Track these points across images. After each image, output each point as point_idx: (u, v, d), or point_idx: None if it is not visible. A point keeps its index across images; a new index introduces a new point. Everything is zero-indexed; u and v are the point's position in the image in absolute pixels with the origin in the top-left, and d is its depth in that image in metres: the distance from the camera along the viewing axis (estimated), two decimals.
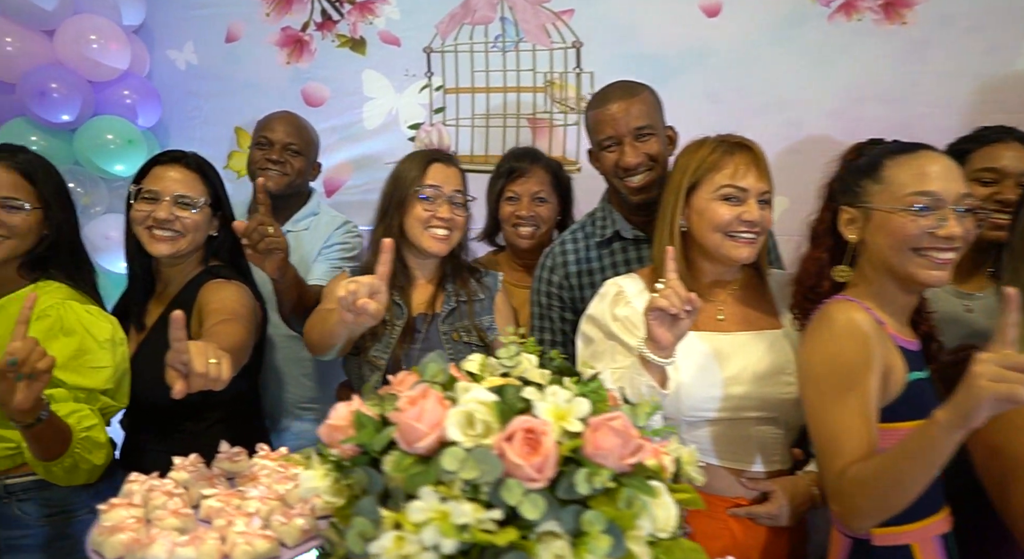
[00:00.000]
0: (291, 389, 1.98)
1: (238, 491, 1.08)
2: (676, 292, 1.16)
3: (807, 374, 1.17)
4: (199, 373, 1.07)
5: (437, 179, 1.60)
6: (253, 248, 1.48)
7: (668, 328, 1.18)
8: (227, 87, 2.51)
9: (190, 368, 1.07)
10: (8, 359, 1.11)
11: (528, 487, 0.83)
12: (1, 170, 1.44)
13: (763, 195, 1.32)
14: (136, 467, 1.58)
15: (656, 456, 0.96)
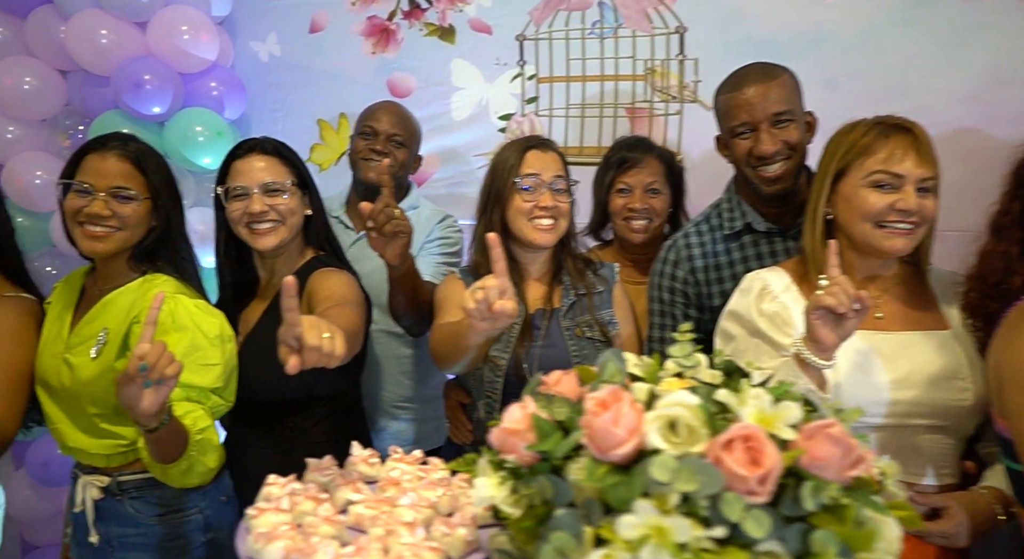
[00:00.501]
0: (388, 388, 1.92)
1: (386, 497, 1.02)
2: (844, 289, 1.07)
3: (1014, 379, 1.05)
4: (312, 346, 1.00)
5: (535, 167, 1.53)
6: (378, 230, 1.42)
7: (832, 328, 1.09)
8: (310, 79, 2.47)
9: (303, 342, 1.00)
10: (139, 364, 1.06)
11: (748, 501, 0.75)
12: (113, 159, 1.40)
13: (923, 182, 1.21)
14: (239, 465, 1.54)
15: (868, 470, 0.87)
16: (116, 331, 1.39)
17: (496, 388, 1.53)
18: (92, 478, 1.43)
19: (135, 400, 1.10)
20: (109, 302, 1.42)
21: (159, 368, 1.07)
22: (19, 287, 1.57)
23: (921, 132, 1.23)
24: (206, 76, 2.31)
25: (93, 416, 1.38)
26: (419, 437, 1.97)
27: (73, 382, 1.37)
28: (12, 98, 2.25)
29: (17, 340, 1.45)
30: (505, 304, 1.08)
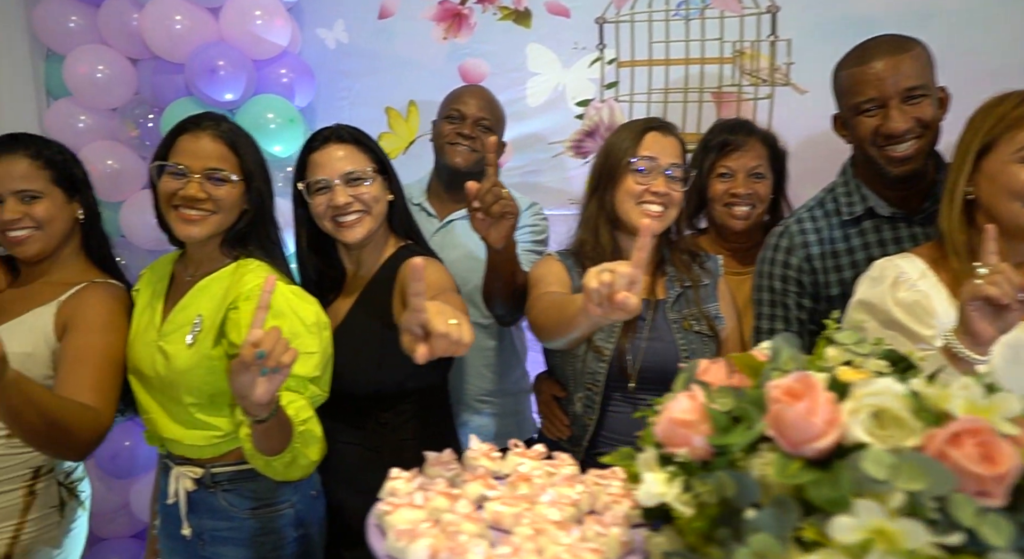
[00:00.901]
0: (471, 381, 1.86)
1: (523, 494, 0.95)
2: (1008, 278, 0.98)
3: None
4: (441, 333, 0.94)
5: (653, 150, 1.45)
6: (485, 211, 1.35)
7: (991, 321, 1.00)
8: (379, 65, 2.41)
9: (431, 329, 0.94)
10: (256, 351, 0.99)
11: (982, 505, 0.66)
12: (207, 139, 1.35)
13: None
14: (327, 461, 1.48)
15: None
16: (211, 318, 1.34)
17: (598, 380, 1.46)
18: (185, 469, 1.38)
19: (248, 389, 1.04)
20: (203, 288, 1.38)
21: (275, 355, 1.01)
22: (106, 274, 1.53)
23: None
24: (277, 63, 2.27)
25: (189, 406, 1.33)
26: (500, 432, 1.90)
27: (168, 371, 1.33)
28: (85, 87, 2.23)
29: (109, 327, 1.41)
30: (629, 297, 0.99)
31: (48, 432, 1.19)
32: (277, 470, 1.23)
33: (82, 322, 1.38)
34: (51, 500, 1.46)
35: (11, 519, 1.40)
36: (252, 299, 1.29)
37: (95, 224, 1.54)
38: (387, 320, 1.45)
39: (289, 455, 1.21)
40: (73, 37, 2.27)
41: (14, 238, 1.40)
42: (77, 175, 1.50)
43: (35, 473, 1.44)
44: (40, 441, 1.21)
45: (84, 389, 1.30)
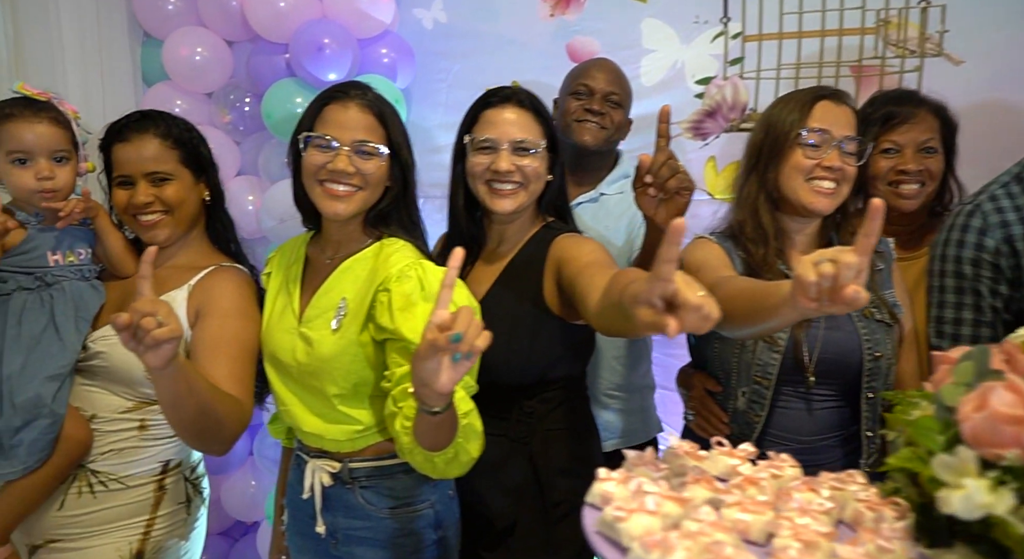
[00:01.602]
0: (602, 374, 1.74)
1: (765, 501, 0.82)
2: None
3: None
4: (693, 305, 0.78)
5: (825, 121, 1.32)
6: (660, 186, 1.23)
7: None
8: (479, 46, 2.30)
9: (681, 299, 0.78)
10: (452, 334, 0.86)
11: None
12: (355, 109, 1.25)
13: None
14: None
15: None
16: (357, 301, 1.25)
17: (770, 373, 1.33)
18: (322, 463, 1.29)
19: (433, 376, 0.92)
20: (346, 270, 1.28)
21: (468, 338, 0.89)
22: (231, 257, 1.45)
23: None
24: (378, 42, 2.18)
25: (332, 397, 1.24)
26: (627, 430, 1.78)
27: (311, 358, 1.24)
28: (183, 70, 2.17)
29: (242, 312, 1.33)
30: (860, 292, 0.84)
31: (203, 423, 1.10)
32: (437, 466, 1.12)
33: (215, 308, 1.30)
34: (179, 496, 1.39)
35: (143, 514, 1.33)
36: (403, 280, 1.20)
37: (219, 205, 1.46)
38: (537, 302, 1.35)
39: (452, 450, 1.10)
40: (171, 20, 2.21)
41: (146, 222, 1.33)
42: (204, 154, 1.42)
43: (164, 467, 1.36)
44: (193, 431, 1.12)
45: (223, 378, 1.21)
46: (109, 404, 1.30)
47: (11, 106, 1.26)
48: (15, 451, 1.19)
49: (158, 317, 0.93)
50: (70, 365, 1.24)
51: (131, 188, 1.32)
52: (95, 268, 1.36)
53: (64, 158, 1.30)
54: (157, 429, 1.33)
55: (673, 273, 0.78)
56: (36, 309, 1.23)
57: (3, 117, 1.25)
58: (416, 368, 0.94)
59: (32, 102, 1.28)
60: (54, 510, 1.28)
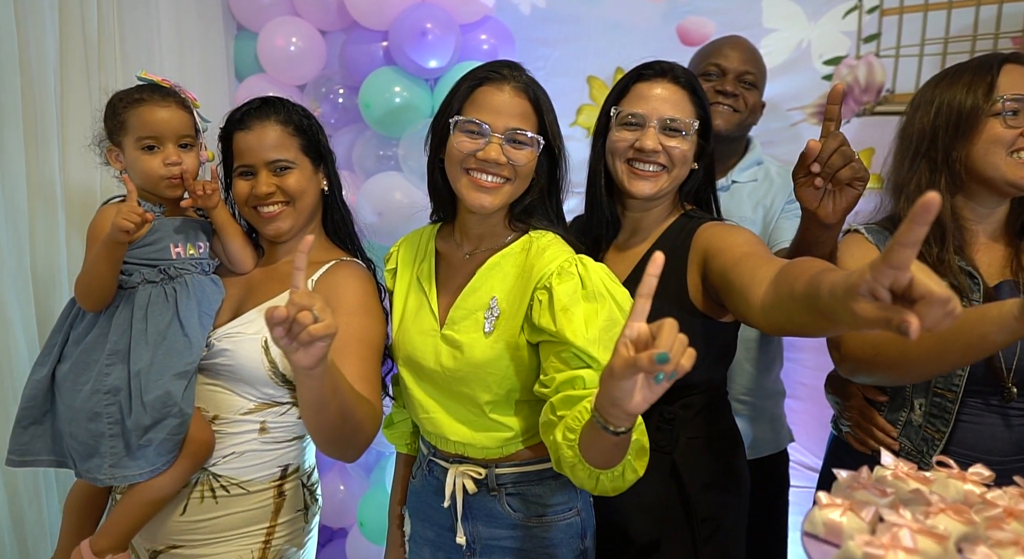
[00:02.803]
0: (734, 378, 1.60)
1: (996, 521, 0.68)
2: None
3: None
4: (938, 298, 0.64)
5: (1018, 86, 1.17)
6: (830, 176, 1.09)
7: None
8: (581, 31, 2.18)
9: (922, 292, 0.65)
10: (657, 354, 0.74)
11: None
12: (510, 93, 1.14)
13: None
14: None
15: None
16: (510, 301, 1.14)
17: (955, 384, 1.17)
18: (466, 469, 1.19)
19: (626, 396, 0.81)
20: (493, 267, 1.18)
21: (675, 357, 0.76)
22: (349, 251, 1.37)
23: None
24: (478, 28, 2.08)
25: (485, 404, 1.14)
26: (756, 439, 1.64)
27: (460, 364, 1.14)
28: (279, 61, 2.13)
29: (366, 310, 1.24)
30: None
31: (343, 427, 1.02)
32: (601, 483, 1.01)
33: (340, 305, 1.21)
34: (298, 503, 1.31)
35: (263, 521, 1.26)
36: (566, 277, 1.09)
37: (337, 196, 1.38)
38: (680, 298, 1.23)
39: (620, 468, 0.99)
40: (266, 11, 2.17)
41: (267, 214, 1.25)
42: (323, 142, 1.34)
43: (283, 473, 1.29)
44: (333, 436, 1.03)
45: (352, 379, 1.12)
46: (231, 405, 1.22)
47: (139, 92, 1.21)
48: (144, 452, 1.13)
49: (315, 311, 0.85)
50: (196, 362, 1.17)
51: (252, 178, 1.24)
52: (213, 262, 1.29)
53: (189, 144, 1.24)
54: (277, 432, 1.25)
55: (911, 260, 0.65)
56: (161, 303, 1.17)
57: (133, 103, 1.19)
58: (608, 386, 0.83)
59: (158, 88, 1.23)
60: (176, 515, 1.21)
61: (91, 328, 1.17)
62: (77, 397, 1.14)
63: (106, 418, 1.13)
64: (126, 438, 1.14)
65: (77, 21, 1.80)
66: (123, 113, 1.19)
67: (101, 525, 1.25)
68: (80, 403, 1.13)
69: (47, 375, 1.17)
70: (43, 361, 1.20)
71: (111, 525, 1.20)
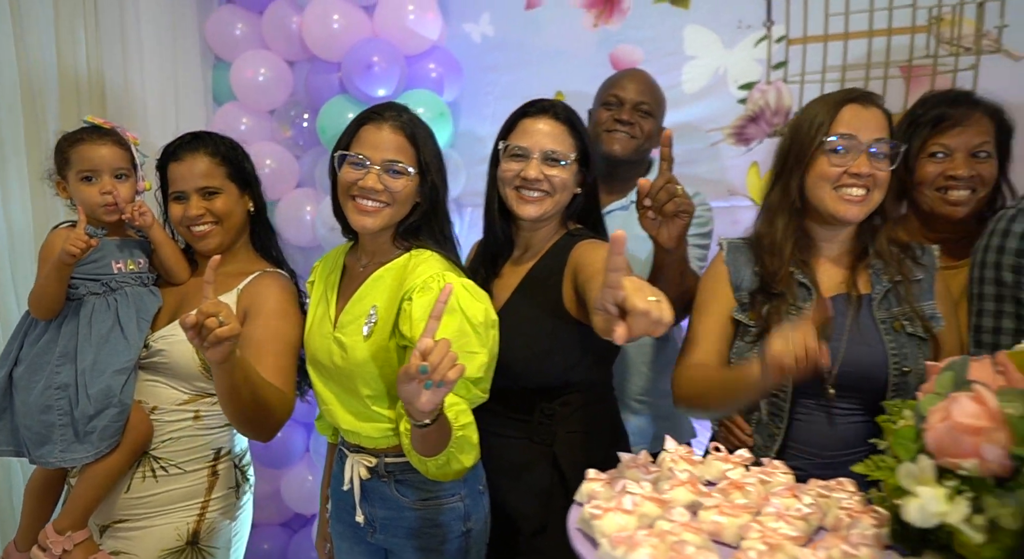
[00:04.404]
0: (632, 380, 1.76)
1: (744, 504, 0.84)
2: None
3: None
4: (641, 311, 0.83)
5: (852, 125, 1.28)
6: (658, 210, 1.26)
7: None
8: (525, 58, 2.36)
9: (629, 306, 0.84)
10: (419, 366, 0.96)
11: None
12: (388, 130, 1.33)
13: None
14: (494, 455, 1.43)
15: None
16: (386, 309, 1.32)
17: (786, 386, 1.32)
18: (360, 457, 1.38)
19: (413, 397, 1.01)
20: (377, 279, 1.36)
21: (440, 371, 0.97)
22: (274, 264, 1.57)
23: None
24: (426, 58, 2.27)
25: (366, 398, 1.32)
26: (658, 435, 1.79)
27: (346, 362, 1.32)
28: (249, 90, 2.34)
29: (284, 314, 1.44)
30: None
31: (254, 411, 1.22)
32: (430, 470, 1.20)
33: (260, 310, 1.41)
34: (230, 481, 1.51)
35: (198, 497, 1.45)
36: (425, 291, 1.26)
37: (263, 216, 1.58)
38: (556, 307, 1.39)
39: (443, 458, 1.17)
40: (239, 44, 2.38)
41: (198, 233, 1.46)
42: (248, 169, 1.54)
43: (216, 455, 1.49)
44: (245, 419, 1.24)
45: (268, 372, 1.32)
46: (168, 397, 1.43)
47: (81, 132, 1.44)
48: (89, 437, 1.34)
49: (220, 317, 1.05)
50: (134, 360, 1.38)
51: (185, 202, 1.45)
52: (152, 275, 1.50)
53: (124, 175, 1.46)
54: (210, 419, 1.45)
55: (620, 281, 0.82)
56: (103, 311, 1.38)
57: (74, 142, 1.42)
58: (399, 388, 1.02)
59: (98, 128, 1.44)
60: (122, 493, 1.42)
61: (43, 334, 1.39)
62: (31, 393, 1.35)
63: (56, 410, 1.34)
64: (74, 426, 1.35)
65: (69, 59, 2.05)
66: (67, 151, 1.41)
67: (62, 508, 1.45)
68: (34, 398, 1.35)
69: (5, 376, 1.39)
70: (1, 365, 1.41)
71: (70, 507, 1.40)
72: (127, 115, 2.24)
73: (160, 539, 1.41)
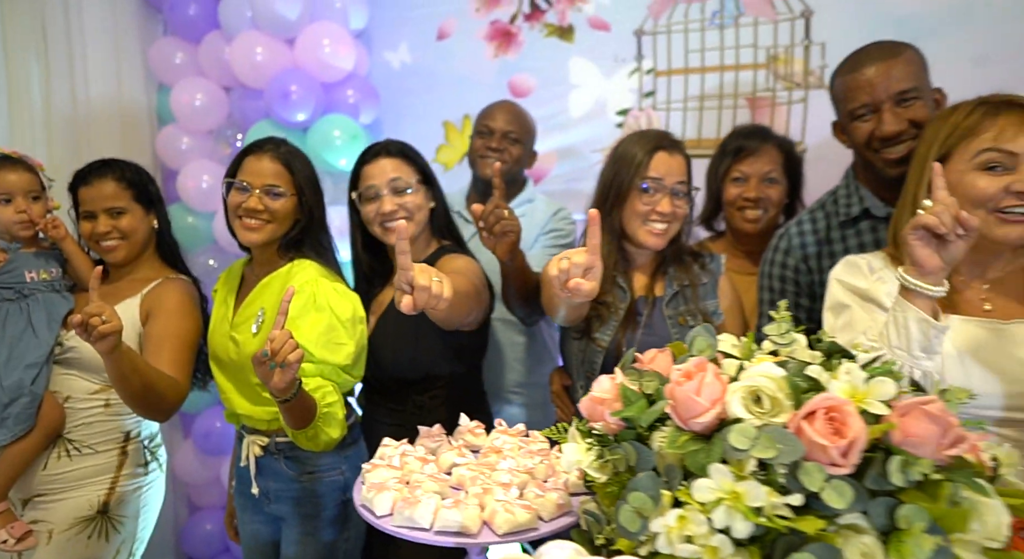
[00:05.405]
0: (504, 373, 2.00)
1: (485, 462, 1.09)
2: (947, 208, 0.99)
3: None
4: (422, 287, 1.10)
5: (660, 170, 1.52)
6: (488, 230, 1.50)
7: (935, 249, 1.01)
8: (437, 83, 2.61)
9: (415, 283, 1.10)
10: (261, 352, 1.21)
11: (830, 473, 0.74)
12: (267, 160, 1.58)
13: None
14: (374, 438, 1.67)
15: (974, 452, 0.82)
16: (272, 310, 1.56)
17: (595, 369, 1.56)
18: (254, 438, 1.61)
19: (267, 378, 1.26)
20: (264, 285, 1.60)
21: (282, 354, 1.21)
22: (177, 271, 1.81)
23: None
24: (344, 85, 2.51)
25: (256, 385, 1.55)
26: (530, 422, 2.02)
27: (239, 356, 1.56)
28: (187, 113, 2.57)
29: (183, 313, 1.68)
30: (581, 284, 1.10)
31: (145, 396, 1.46)
32: (303, 442, 1.44)
33: (161, 310, 1.66)
34: (138, 460, 1.74)
35: (109, 473, 1.69)
36: (299, 294, 1.50)
37: (166, 231, 1.82)
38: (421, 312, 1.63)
39: (312, 431, 1.41)
40: (179, 71, 2.62)
41: (106, 247, 1.70)
42: (152, 191, 1.78)
43: (126, 437, 1.72)
44: (138, 402, 1.49)
45: (166, 364, 1.56)
46: (81, 387, 1.67)
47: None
48: (5, 423, 1.58)
49: (103, 316, 1.29)
50: (44, 356, 1.62)
51: (94, 220, 1.69)
52: (67, 282, 1.74)
53: (36, 197, 1.71)
54: (119, 406, 1.69)
55: (409, 263, 1.09)
56: (16, 315, 1.63)
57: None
58: (255, 371, 1.26)
59: (8, 158, 1.69)
60: (39, 470, 1.66)
61: None
62: None
63: None
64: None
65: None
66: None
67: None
68: None
69: None
70: None
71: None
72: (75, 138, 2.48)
73: (74, 509, 1.65)
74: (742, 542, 0.74)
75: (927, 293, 1.02)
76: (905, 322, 1.03)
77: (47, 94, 2.46)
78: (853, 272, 1.25)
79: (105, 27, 2.53)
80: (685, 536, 0.75)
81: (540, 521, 0.95)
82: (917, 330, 1.01)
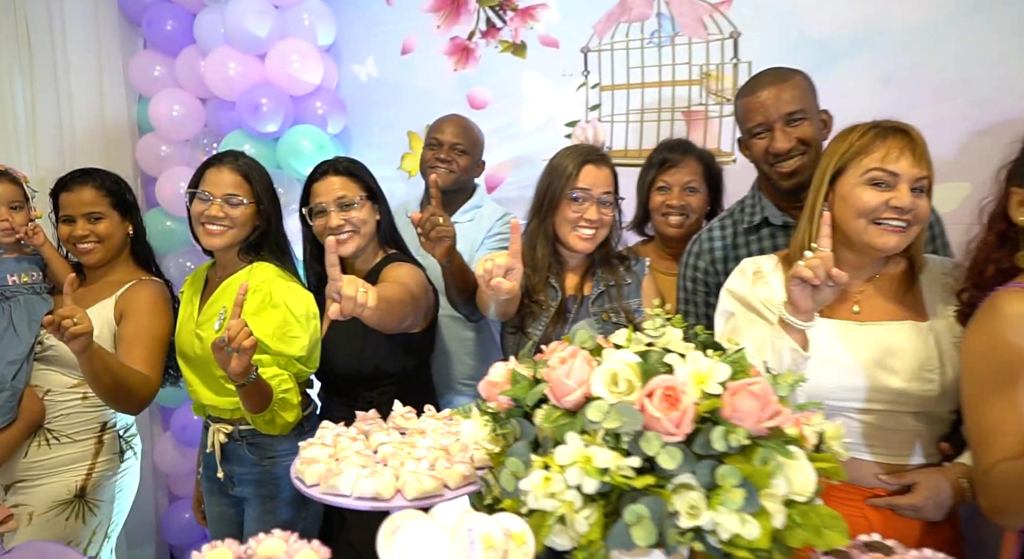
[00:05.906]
0: (455, 367, 2.16)
1: (408, 441, 1.24)
2: (823, 264, 1.16)
3: (967, 366, 1.11)
4: (348, 296, 1.24)
5: (588, 181, 1.68)
6: (426, 236, 1.65)
7: (809, 295, 1.18)
8: (402, 95, 2.77)
9: (342, 292, 1.24)
10: (219, 338, 1.38)
11: (666, 440, 0.90)
12: (226, 171, 1.73)
13: (918, 182, 1.24)
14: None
15: (797, 426, 0.98)
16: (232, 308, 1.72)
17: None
18: (219, 426, 1.76)
19: (225, 363, 1.41)
20: (226, 286, 1.75)
21: (238, 340, 1.37)
22: (151, 274, 1.96)
23: (917, 135, 1.27)
24: (312, 97, 2.66)
25: (219, 378, 1.70)
26: None
27: (203, 351, 1.70)
28: (165, 123, 2.72)
29: (155, 313, 1.83)
30: (501, 283, 1.27)
31: (117, 391, 1.61)
32: (260, 425, 1.59)
33: (134, 310, 1.81)
34: (114, 448, 1.89)
35: (86, 460, 1.84)
36: (256, 292, 1.65)
37: (141, 236, 1.97)
38: None
39: (268, 415, 1.56)
40: (157, 83, 2.77)
41: (83, 250, 1.85)
42: (129, 200, 1.93)
43: (102, 427, 1.87)
44: (110, 397, 1.64)
45: (138, 361, 1.71)
46: (60, 381, 1.82)
47: None
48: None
49: (74, 318, 1.43)
50: (25, 353, 1.76)
51: (72, 224, 1.84)
52: (47, 285, 1.89)
53: (19, 207, 1.85)
54: (95, 399, 1.84)
55: (338, 275, 1.24)
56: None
57: None
58: (215, 357, 1.41)
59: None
60: (21, 458, 1.80)
61: None
62: None
63: None
64: None
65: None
66: None
67: None
68: None
69: None
70: None
71: None
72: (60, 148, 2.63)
73: (53, 493, 1.79)
74: (592, 496, 0.90)
75: (799, 327, 1.20)
76: (779, 349, 1.21)
77: (32, 106, 2.60)
78: (738, 279, 1.42)
79: (88, 42, 2.68)
80: (549, 493, 0.91)
81: (446, 489, 1.10)
82: (788, 357, 1.20)
